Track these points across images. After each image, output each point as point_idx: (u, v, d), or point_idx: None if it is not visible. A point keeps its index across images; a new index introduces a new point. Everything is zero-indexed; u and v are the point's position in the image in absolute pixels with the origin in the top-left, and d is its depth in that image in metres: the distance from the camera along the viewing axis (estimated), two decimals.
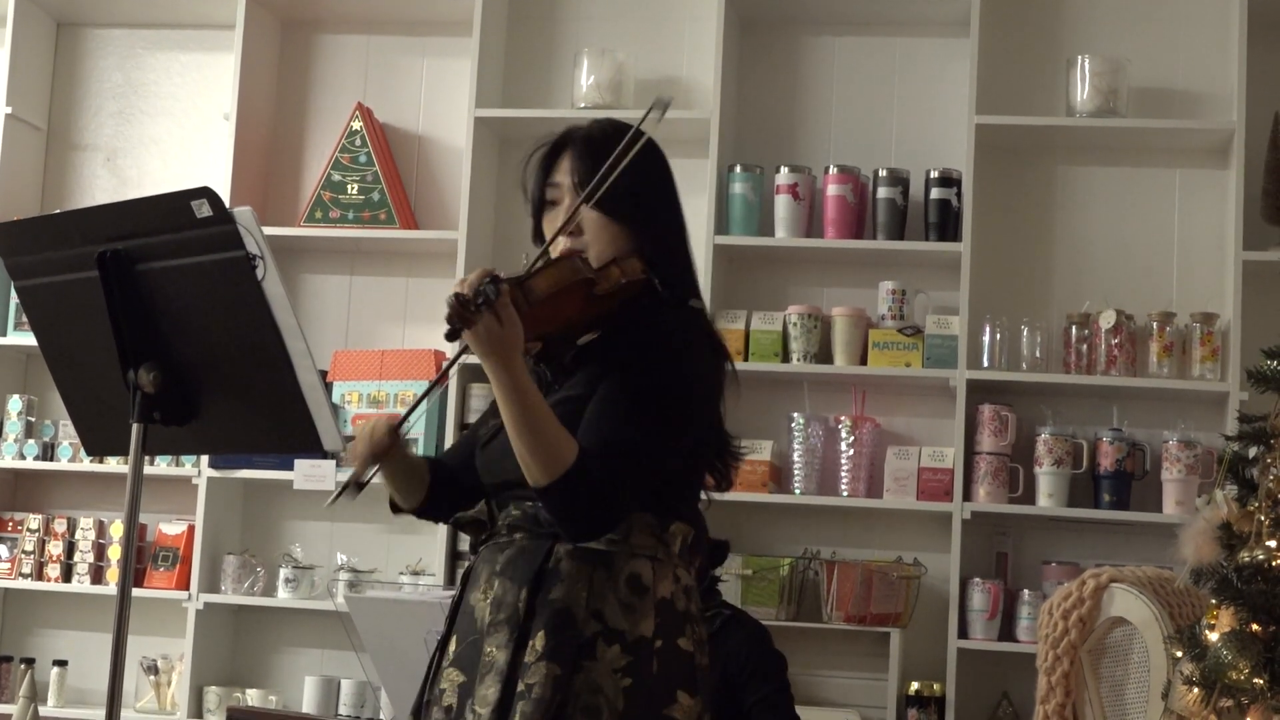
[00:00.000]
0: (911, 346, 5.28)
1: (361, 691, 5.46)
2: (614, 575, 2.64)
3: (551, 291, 2.64)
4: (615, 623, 2.62)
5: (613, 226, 2.76)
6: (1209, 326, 5.19)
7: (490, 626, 2.67)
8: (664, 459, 2.66)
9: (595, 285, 2.69)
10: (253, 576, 5.60)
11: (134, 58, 6.16)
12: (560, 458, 2.56)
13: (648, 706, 2.61)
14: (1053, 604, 4.20)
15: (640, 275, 2.74)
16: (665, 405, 2.65)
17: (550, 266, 2.69)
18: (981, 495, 5.21)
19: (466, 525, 2.85)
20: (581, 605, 2.62)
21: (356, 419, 5.51)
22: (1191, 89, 5.47)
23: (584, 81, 5.56)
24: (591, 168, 2.75)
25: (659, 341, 2.69)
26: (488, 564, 2.75)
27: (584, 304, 2.70)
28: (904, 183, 5.39)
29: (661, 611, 2.66)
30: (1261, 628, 3.19)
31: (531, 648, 2.61)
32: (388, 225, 5.65)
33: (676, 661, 2.66)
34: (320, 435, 2.73)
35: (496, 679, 2.61)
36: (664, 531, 2.70)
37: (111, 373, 2.79)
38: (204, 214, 2.65)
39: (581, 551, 2.65)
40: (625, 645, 2.61)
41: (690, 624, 2.71)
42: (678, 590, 2.70)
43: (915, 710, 5.09)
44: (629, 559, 2.66)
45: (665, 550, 2.70)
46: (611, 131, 2.83)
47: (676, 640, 2.67)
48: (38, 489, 5.99)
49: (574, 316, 2.71)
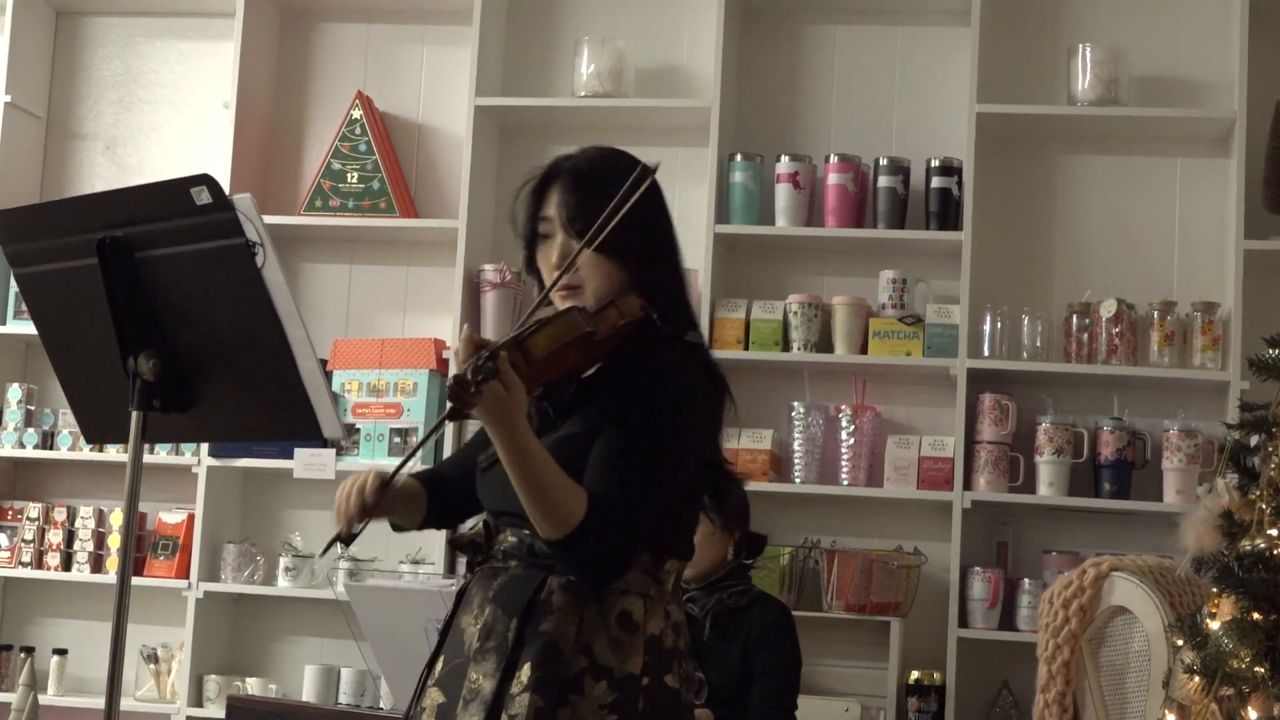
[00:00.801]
0: (912, 335, 5.28)
1: (361, 680, 5.46)
2: (605, 611, 2.64)
3: (551, 350, 2.61)
4: (604, 659, 2.62)
5: (606, 263, 2.72)
6: (1210, 315, 5.19)
7: (478, 653, 2.66)
8: (667, 499, 2.67)
9: (594, 334, 2.67)
10: (252, 565, 5.60)
11: (133, 46, 6.15)
12: (570, 513, 2.55)
13: None
14: (1053, 593, 4.20)
15: (638, 314, 2.72)
16: (665, 450, 2.64)
17: (549, 325, 2.64)
18: (982, 484, 5.20)
19: (464, 547, 2.83)
20: (570, 640, 2.61)
21: (356, 408, 5.50)
22: (1192, 78, 5.46)
23: (584, 70, 5.55)
24: (580, 201, 2.72)
25: (657, 383, 2.66)
26: (481, 588, 2.73)
27: (585, 351, 2.68)
28: (905, 171, 5.38)
29: (650, 649, 2.65)
30: (1262, 616, 3.19)
31: (518, 679, 2.60)
32: (388, 214, 5.64)
33: (663, 699, 2.65)
34: (320, 423, 2.73)
35: (481, 708, 2.60)
36: (658, 569, 2.70)
37: (111, 360, 2.79)
38: (203, 201, 2.65)
39: (574, 585, 2.64)
40: (613, 682, 2.60)
41: (678, 660, 2.70)
42: (667, 627, 2.70)
43: (915, 699, 5.09)
44: (621, 596, 2.65)
45: (658, 588, 2.69)
46: (600, 162, 2.78)
47: (663, 677, 2.66)
48: (37, 478, 5.99)
49: (574, 364, 2.70)
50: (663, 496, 2.64)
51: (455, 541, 2.87)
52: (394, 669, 4.02)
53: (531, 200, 2.81)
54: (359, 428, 5.50)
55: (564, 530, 2.55)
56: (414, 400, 5.47)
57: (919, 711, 5.09)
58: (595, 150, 2.83)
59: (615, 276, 2.72)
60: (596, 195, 2.70)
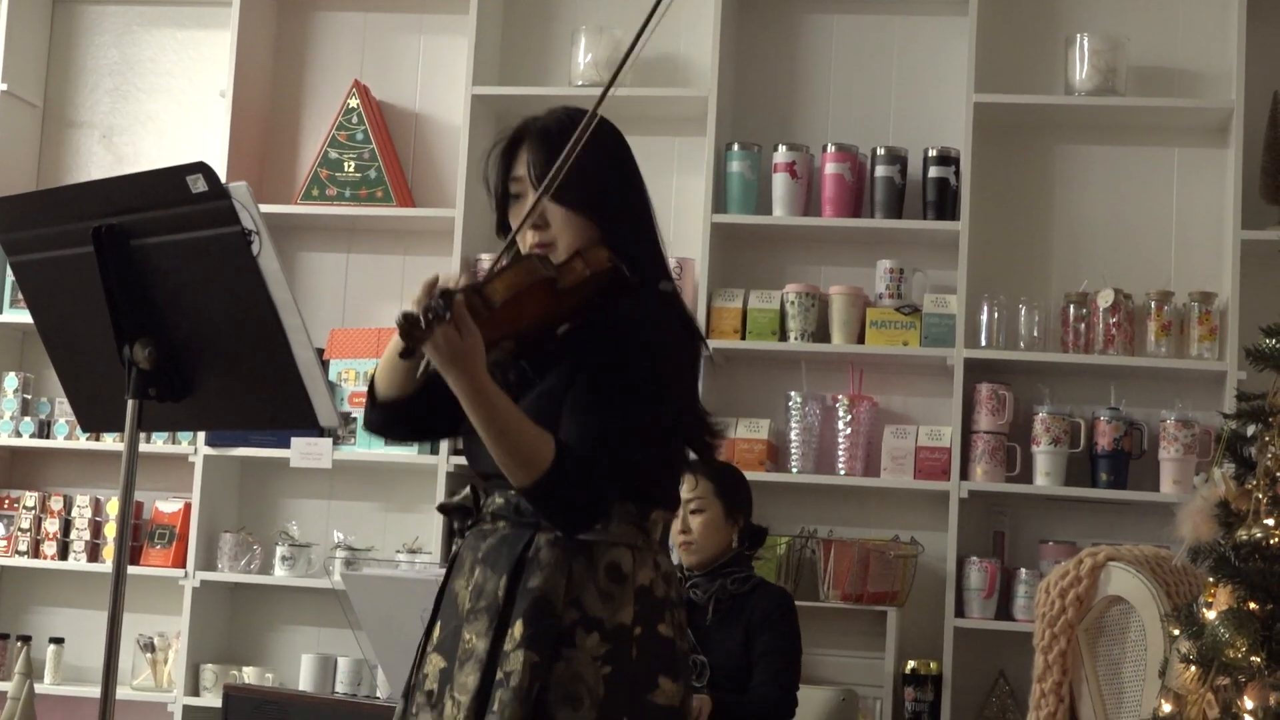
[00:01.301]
0: (909, 325, 5.28)
1: (358, 669, 5.46)
2: (593, 564, 2.65)
3: (510, 295, 2.60)
4: (594, 611, 2.63)
5: (576, 218, 2.74)
6: (1207, 305, 5.19)
7: (470, 614, 2.67)
8: (641, 444, 2.66)
9: (558, 281, 2.66)
10: (249, 554, 5.60)
11: (130, 34, 6.15)
12: (538, 458, 2.55)
13: (629, 693, 2.62)
14: (1049, 582, 4.19)
15: (606, 264, 2.71)
16: (638, 394, 2.65)
17: (508, 270, 2.64)
18: (979, 474, 5.21)
19: (452, 511, 2.84)
20: (560, 594, 2.62)
21: (353, 397, 5.50)
22: (1190, 68, 5.46)
23: (581, 59, 5.55)
24: (547, 159, 2.71)
25: (629, 331, 2.67)
26: (471, 551, 2.74)
27: (550, 301, 2.67)
28: (902, 161, 5.38)
29: (640, 599, 2.66)
30: (1259, 606, 3.18)
31: (510, 636, 2.61)
32: (384, 203, 5.64)
33: (657, 647, 2.66)
34: (316, 412, 2.72)
35: (476, 666, 2.62)
36: (644, 520, 2.71)
37: (107, 349, 2.78)
38: (199, 189, 2.64)
39: (561, 540, 2.65)
40: (604, 633, 2.62)
41: (670, 610, 2.71)
42: (657, 577, 2.71)
43: (912, 688, 5.10)
44: (609, 548, 2.66)
45: (645, 538, 2.71)
46: (567, 121, 2.78)
47: (656, 626, 2.67)
48: (34, 466, 5.99)
49: (541, 314, 2.69)
50: (637, 442, 2.64)
51: (443, 507, 2.88)
52: (390, 658, 4.02)
53: (501, 161, 2.82)
54: (355, 417, 5.50)
55: (533, 476, 2.55)
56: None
57: (915, 701, 5.09)
58: (562, 110, 2.84)
59: (586, 232, 2.73)
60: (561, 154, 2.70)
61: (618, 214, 2.78)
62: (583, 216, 2.74)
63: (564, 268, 2.68)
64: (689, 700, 2.72)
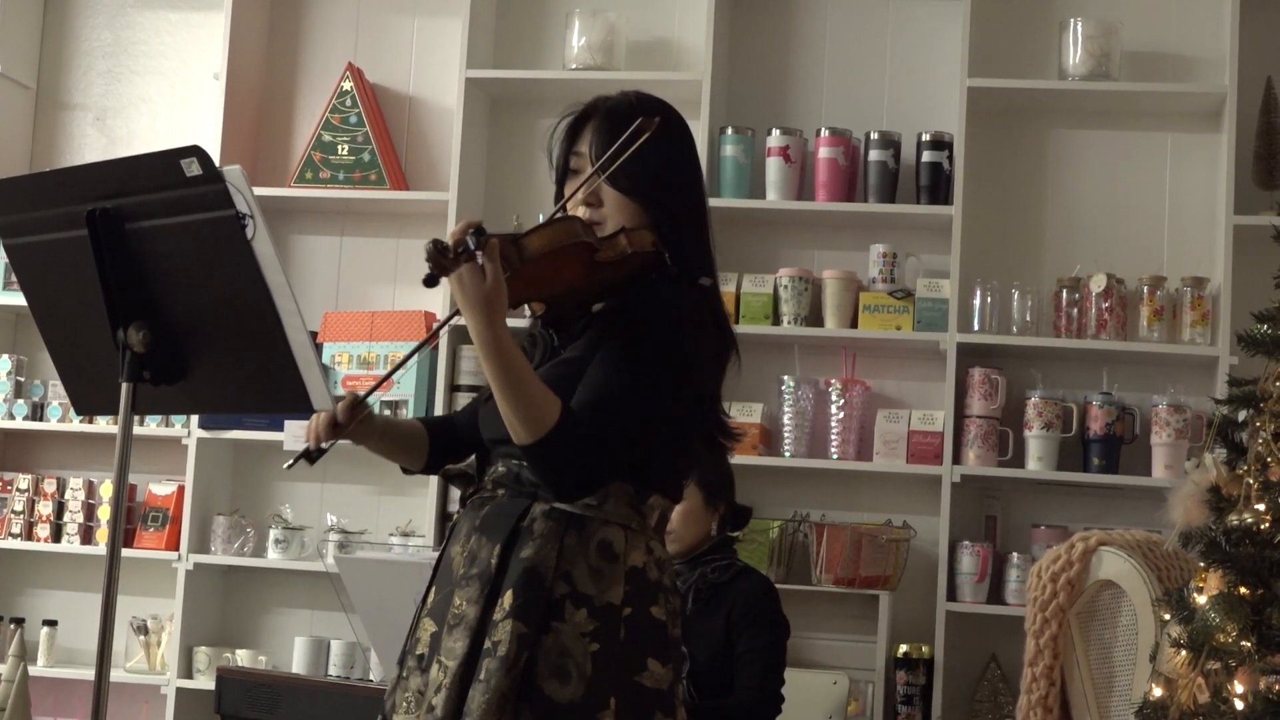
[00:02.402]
0: (902, 310, 5.28)
1: (351, 652, 5.47)
2: (585, 539, 2.65)
3: (546, 250, 2.62)
4: (583, 587, 2.63)
5: (629, 203, 2.76)
6: (1199, 291, 5.20)
7: (462, 579, 2.69)
8: (650, 425, 2.67)
9: (597, 251, 2.68)
10: (242, 537, 5.60)
11: (123, 16, 6.14)
12: (542, 416, 2.56)
13: (617, 672, 2.62)
14: (1041, 567, 4.21)
15: (650, 248, 2.73)
16: (654, 371, 2.65)
17: (547, 226, 2.66)
18: (971, 458, 5.21)
19: (455, 478, 2.88)
20: (551, 566, 2.63)
21: (347, 380, 5.50)
22: (1184, 53, 5.46)
23: (575, 42, 5.54)
24: (609, 141, 2.75)
25: (656, 311, 2.69)
26: (469, 518, 2.77)
27: (586, 269, 2.68)
28: (895, 146, 5.38)
29: (632, 579, 2.67)
30: (1249, 590, 3.20)
31: (500, 605, 2.62)
32: (378, 186, 5.64)
33: (648, 629, 2.67)
34: (310, 395, 2.73)
35: (465, 633, 2.63)
36: (641, 503, 2.72)
37: (101, 332, 2.78)
38: (193, 173, 2.64)
39: (556, 513, 2.66)
40: (592, 610, 2.63)
41: (664, 594, 2.72)
42: (650, 561, 2.71)
43: (904, 672, 5.11)
44: (602, 525, 2.67)
45: (640, 521, 2.71)
46: (636, 105, 2.82)
47: (648, 609, 2.68)
48: (27, 449, 5.99)
49: (575, 281, 2.70)
50: (645, 422, 2.65)
51: (447, 474, 2.92)
52: (384, 641, 4.02)
53: (567, 136, 2.86)
54: None
55: (536, 434, 2.56)
56: (404, 373, 5.47)
57: (907, 685, 5.11)
58: (635, 94, 2.88)
59: (635, 216, 2.76)
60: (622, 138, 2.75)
61: (670, 206, 2.79)
62: (635, 203, 2.76)
63: (607, 240, 2.71)
64: (678, 686, 2.72)
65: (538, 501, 2.68)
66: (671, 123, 2.84)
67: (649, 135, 2.72)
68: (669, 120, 2.82)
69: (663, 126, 2.77)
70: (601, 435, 2.59)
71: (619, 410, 2.61)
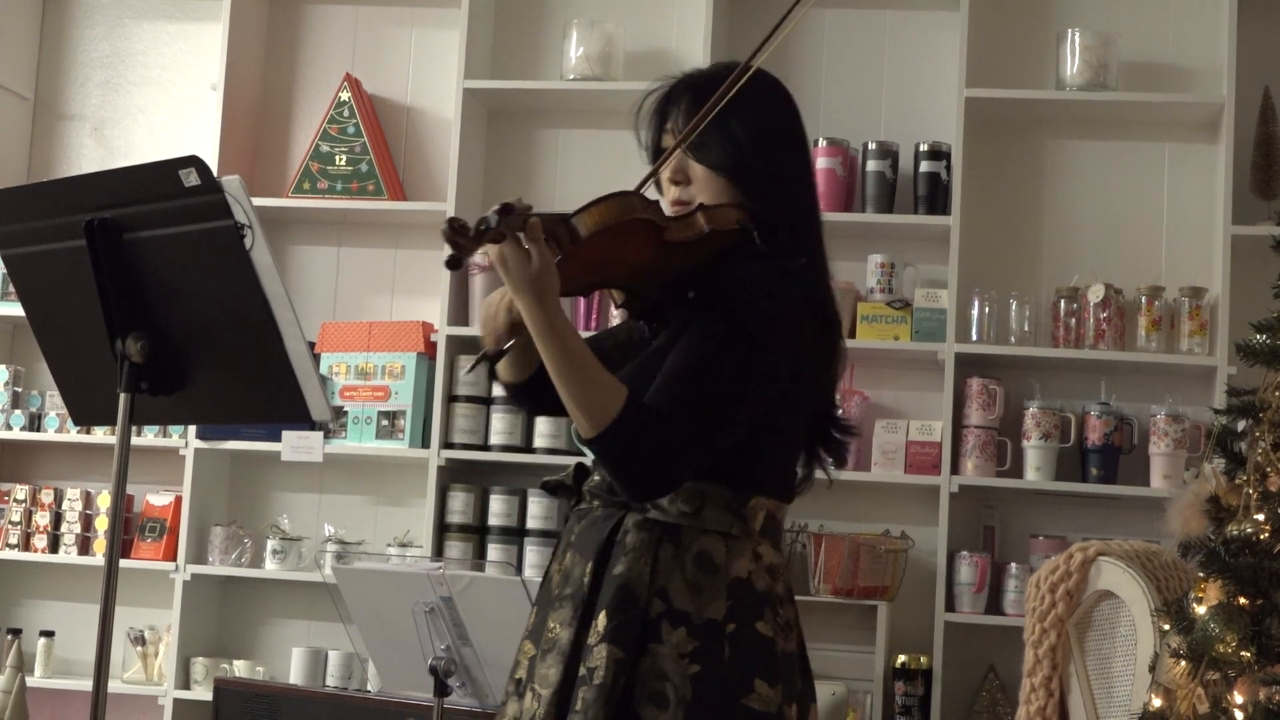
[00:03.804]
0: (900, 320, 5.28)
1: (349, 663, 5.46)
2: (681, 551, 2.46)
3: (599, 228, 2.41)
4: (681, 604, 2.44)
5: (716, 179, 2.57)
6: (1197, 300, 5.19)
7: (555, 600, 2.53)
8: (728, 414, 2.44)
9: (665, 230, 2.46)
10: (240, 548, 5.60)
11: (121, 27, 6.14)
12: (606, 406, 2.36)
13: (720, 695, 2.42)
14: (1040, 577, 4.20)
15: (733, 225, 2.52)
16: (729, 355, 2.44)
17: (599, 202, 2.42)
18: (969, 468, 5.21)
19: (555, 490, 2.68)
20: (645, 583, 2.44)
21: (345, 390, 5.50)
22: (1181, 63, 5.46)
23: (573, 53, 5.55)
24: (692, 112, 2.58)
25: (732, 290, 2.48)
26: (567, 534, 2.60)
27: (654, 249, 2.48)
28: (893, 156, 5.38)
29: (735, 592, 2.46)
30: (1249, 600, 3.19)
31: (594, 628, 2.45)
32: (376, 196, 5.63)
33: (753, 647, 2.45)
34: (308, 405, 2.72)
35: (559, 659, 2.47)
36: (742, 507, 2.51)
37: (99, 342, 2.78)
38: (191, 183, 2.64)
39: (649, 523, 2.47)
40: (692, 628, 2.43)
41: (773, 606, 2.50)
42: (758, 569, 2.50)
43: (902, 683, 5.10)
44: (699, 535, 2.47)
45: (742, 526, 2.50)
46: (722, 75, 2.61)
47: (754, 624, 2.46)
48: (25, 459, 5.98)
49: (645, 263, 2.49)
50: (728, 413, 2.43)
51: (546, 485, 2.70)
52: (382, 652, 4.01)
53: (657, 112, 2.66)
54: (347, 410, 5.50)
55: (599, 426, 2.36)
56: (402, 383, 5.47)
57: (905, 695, 5.10)
58: (723, 64, 2.70)
59: (725, 193, 2.57)
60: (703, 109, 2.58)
61: (759, 178, 2.58)
62: (722, 177, 2.57)
63: (681, 220, 2.50)
64: (790, 709, 2.49)
65: (631, 512, 2.50)
66: (763, 89, 2.65)
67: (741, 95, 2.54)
68: (759, 86, 2.62)
69: (752, 92, 2.57)
70: (672, 426, 2.38)
71: (695, 401, 2.40)
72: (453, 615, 3.75)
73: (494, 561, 5.30)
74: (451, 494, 5.44)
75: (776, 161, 2.62)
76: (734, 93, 2.55)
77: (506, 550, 5.39)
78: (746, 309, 2.47)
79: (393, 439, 5.46)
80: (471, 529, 5.43)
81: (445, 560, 5.08)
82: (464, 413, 5.43)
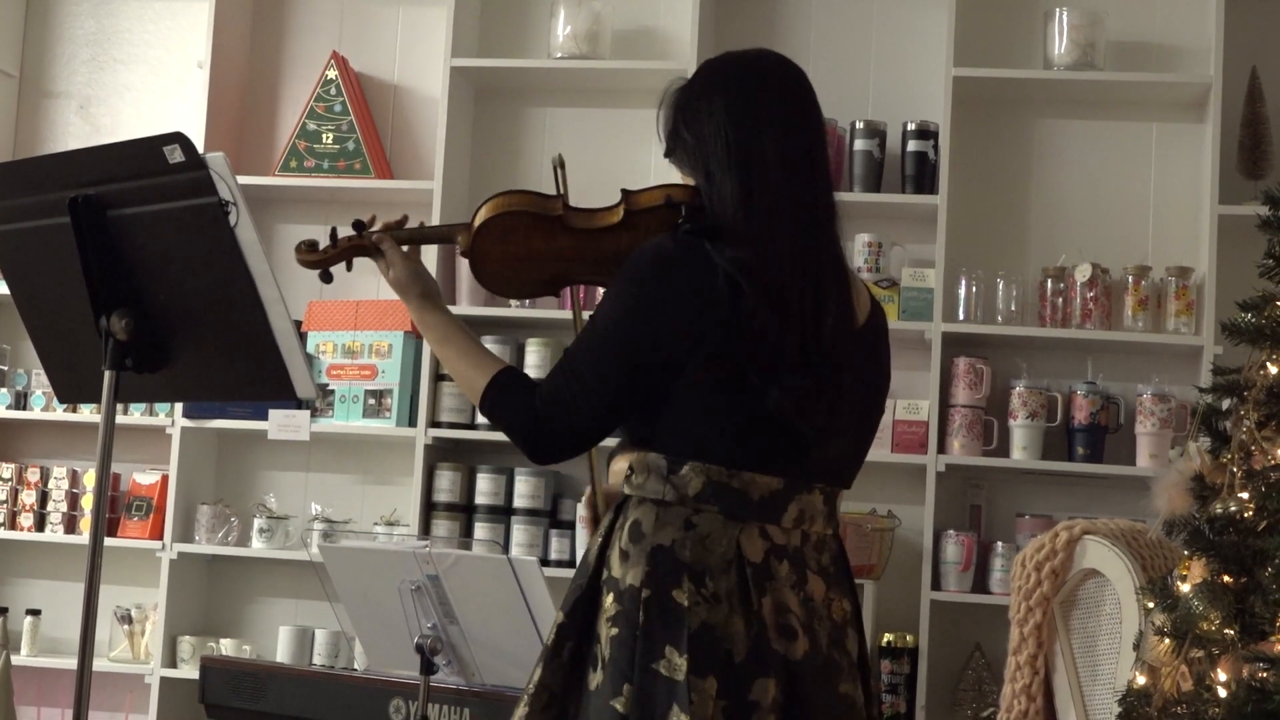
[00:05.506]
0: (887, 299, 5.28)
1: (336, 641, 5.46)
2: (623, 521, 2.55)
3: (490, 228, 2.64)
4: (615, 570, 2.52)
5: (685, 173, 2.68)
6: (1184, 280, 5.20)
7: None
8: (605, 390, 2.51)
9: (561, 218, 2.64)
10: (226, 526, 5.60)
11: (107, 4, 6.12)
12: (480, 380, 2.62)
13: (632, 658, 2.46)
14: (1025, 556, 4.21)
15: (658, 203, 2.62)
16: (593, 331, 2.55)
17: (495, 197, 2.67)
18: (956, 448, 5.22)
19: None
20: (594, 552, 2.57)
21: (331, 369, 5.49)
22: (1169, 43, 5.46)
23: (560, 31, 5.53)
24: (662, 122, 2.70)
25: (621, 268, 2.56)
26: None
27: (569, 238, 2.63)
28: (881, 135, 5.38)
29: (654, 559, 2.48)
30: (1232, 579, 3.20)
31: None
32: (363, 175, 5.63)
33: (666, 614, 2.46)
34: (294, 383, 2.72)
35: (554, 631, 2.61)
36: (673, 473, 2.51)
37: (83, 319, 2.78)
38: (176, 159, 2.63)
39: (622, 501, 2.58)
40: (618, 594, 2.49)
41: (696, 576, 2.47)
42: (685, 538, 2.49)
43: (888, 661, 5.12)
44: (637, 505, 2.54)
45: (675, 493, 2.51)
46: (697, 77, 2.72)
47: (670, 591, 2.46)
48: (10, 438, 5.97)
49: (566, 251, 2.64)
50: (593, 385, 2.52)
51: None
52: (368, 630, 4.02)
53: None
54: (333, 389, 5.49)
55: (476, 399, 2.62)
56: (389, 362, 5.47)
57: (892, 674, 5.11)
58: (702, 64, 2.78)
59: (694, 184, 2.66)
60: None
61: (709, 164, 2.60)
62: (685, 171, 2.67)
63: (591, 209, 2.66)
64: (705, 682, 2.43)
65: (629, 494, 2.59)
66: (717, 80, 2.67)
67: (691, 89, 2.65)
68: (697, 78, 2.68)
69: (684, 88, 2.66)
70: (543, 397, 2.55)
71: (562, 369, 2.55)
72: (439, 594, 3.76)
73: (480, 540, 5.30)
74: (438, 473, 5.44)
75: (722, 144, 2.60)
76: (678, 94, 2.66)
77: (493, 529, 5.39)
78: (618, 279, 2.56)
79: (379, 418, 5.46)
80: (458, 508, 5.44)
81: (432, 539, 5.08)
82: (451, 391, 5.43)
